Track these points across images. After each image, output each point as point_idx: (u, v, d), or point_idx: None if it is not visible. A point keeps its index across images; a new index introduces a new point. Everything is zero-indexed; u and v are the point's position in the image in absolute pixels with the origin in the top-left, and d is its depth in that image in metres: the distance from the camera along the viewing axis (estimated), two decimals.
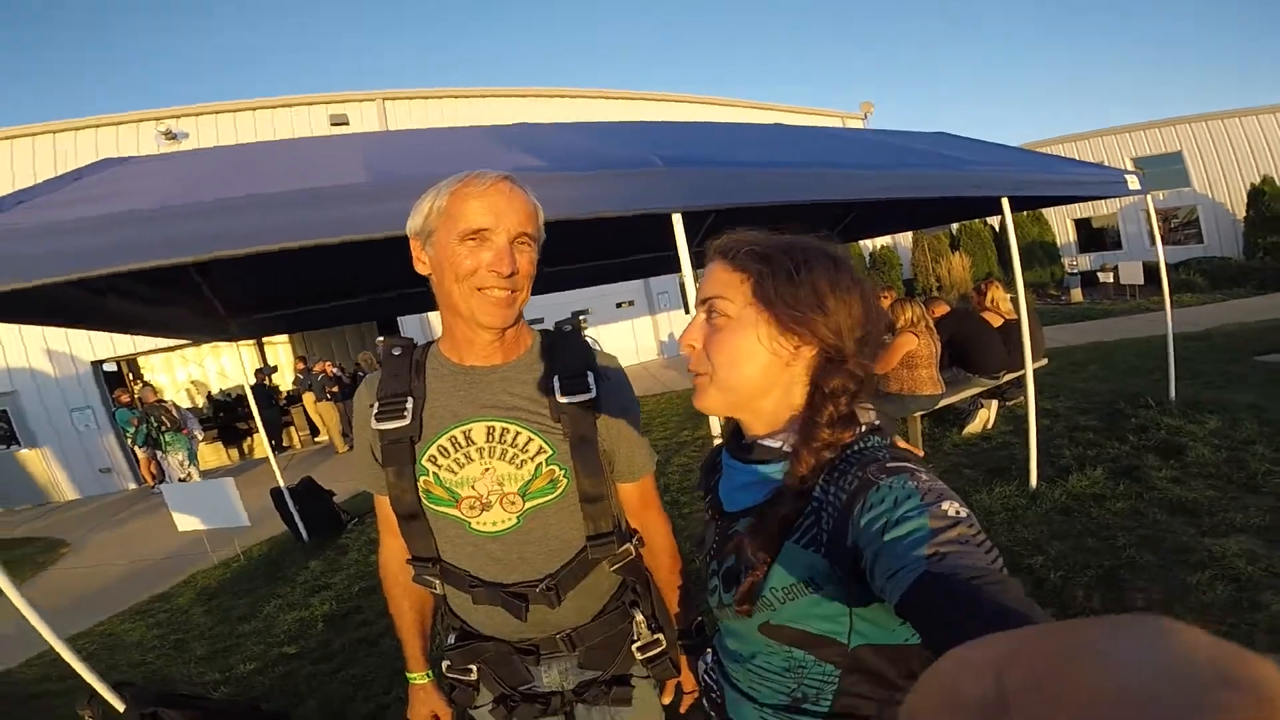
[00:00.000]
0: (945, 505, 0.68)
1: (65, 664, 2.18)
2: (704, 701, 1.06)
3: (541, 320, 1.35)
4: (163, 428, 9.43)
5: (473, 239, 1.10)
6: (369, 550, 5.30)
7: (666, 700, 1.42)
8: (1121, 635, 0.23)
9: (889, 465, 0.76)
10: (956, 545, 0.63)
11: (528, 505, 1.19)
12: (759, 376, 0.85)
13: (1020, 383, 5.39)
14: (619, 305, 15.19)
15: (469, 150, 3.33)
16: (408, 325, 13.16)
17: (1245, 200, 16.46)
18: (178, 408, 10.03)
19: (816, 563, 0.78)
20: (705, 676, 1.06)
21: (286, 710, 3.02)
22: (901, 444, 0.88)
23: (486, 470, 1.17)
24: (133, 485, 11.97)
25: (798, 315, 0.83)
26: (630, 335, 15.41)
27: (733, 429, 0.98)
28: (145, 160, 3.34)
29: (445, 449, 1.18)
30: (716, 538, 0.96)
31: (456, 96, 14.97)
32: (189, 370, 18.59)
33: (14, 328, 10.49)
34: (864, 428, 0.85)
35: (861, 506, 0.73)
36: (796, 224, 0.92)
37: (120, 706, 2.25)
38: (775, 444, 0.87)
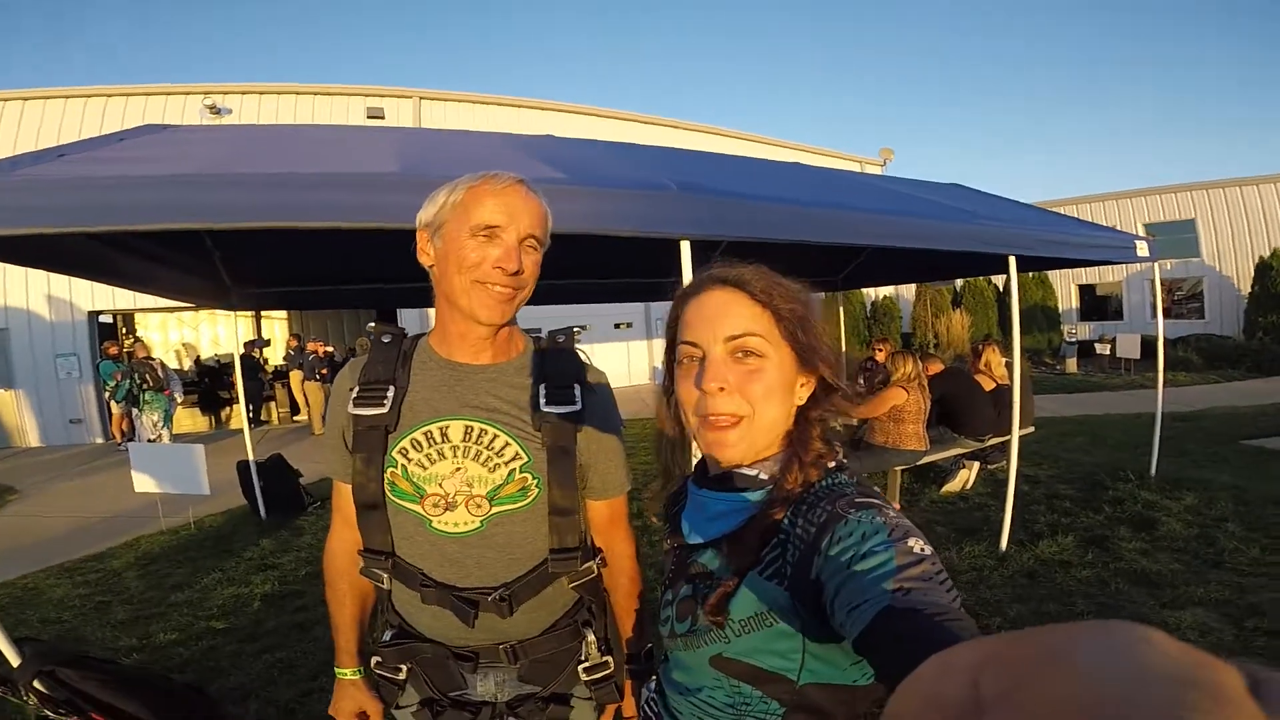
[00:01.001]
0: (911, 542, 0.68)
1: None
2: None
3: (539, 330, 1.33)
4: (145, 385, 9.34)
5: (484, 234, 1.10)
6: (325, 535, 5.18)
7: None
8: (1096, 640, 0.23)
9: (857, 500, 0.76)
10: (919, 582, 0.63)
11: (494, 510, 1.17)
12: (785, 415, 0.87)
13: (1004, 447, 5.35)
14: (617, 326, 15.24)
15: (493, 155, 3.40)
16: (406, 318, 13.16)
17: (1252, 274, 16.18)
18: (164, 367, 9.95)
19: (778, 596, 0.77)
20: (645, 706, 1.03)
21: (200, 684, 2.91)
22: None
23: (457, 470, 1.16)
24: (100, 439, 11.87)
25: (814, 353, 0.85)
26: (625, 357, 15.43)
27: (700, 459, 0.96)
28: (187, 129, 3.53)
29: (419, 443, 1.16)
30: (674, 567, 0.95)
31: (488, 103, 15.26)
32: (183, 333, 18.58)
33: (19, 269, 10.52)
34: (833, 463, 0.85)
35: (829, 539, 0.72)
36: (781, 264, 0.90)
37: (15, 661, 2.14)
38: (753, 472, 0.86)
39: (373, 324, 1.29)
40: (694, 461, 1.00)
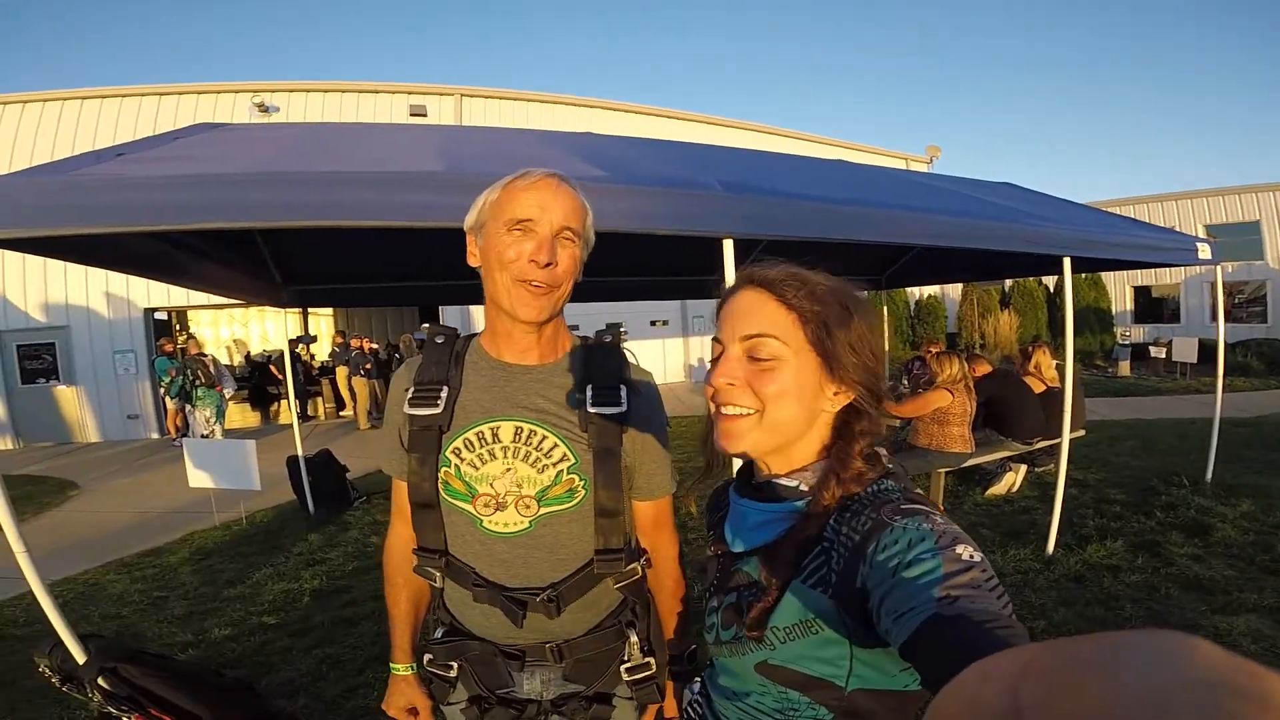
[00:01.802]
0: (959, 549, 0.67)
1: (34, 610, 2.19)
2: None
3: (576, 328, 1.34)
4: (197, 381, 9.61)
5: (518, 229, 1.12)
6: (370, 531, 5.32)
7: None
8: (1138, 649, 0.23)
9: (904, 507, 0.75)
10: (968, 589, 0.62)
11: (542, 511, 1.18)
12: (805, 420, 0.85)
13: (1051, 451, 5.23)
14: (653, 323, 15.22)
15: (534, 152, 3.41)
16: (448, 315, 13.39)
17: None
18: (216, 363, 10.22)
19: (822, 604, 0.77)
20: (689, 708, 1.05)
21: (251, 680, 2.99)
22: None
23: (508, 470, 1.17)
24: (155, 435, 12.22)
25: (849, 362, 0.84)
26: (660, 355, 15.41)
27: (742, 467, 0.97)
28: (236, 128, 3.55)
29: (471, 443, 1.17)
30: (718, 575, 0.95)
31: (529, 100, 15.36)
32: (233, 329, 19.09)
33: (78, 267, 10.91)
34: (874, 480, 0.84)
35: (875, 547, 0.72)
36: (825, 263, 0.89)
37: (81, 658, 2.23)
38: (793, 483, 0.87)
39: (426, 325, 1.32)
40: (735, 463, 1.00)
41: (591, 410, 1.17)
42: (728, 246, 2.68)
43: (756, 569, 0.86)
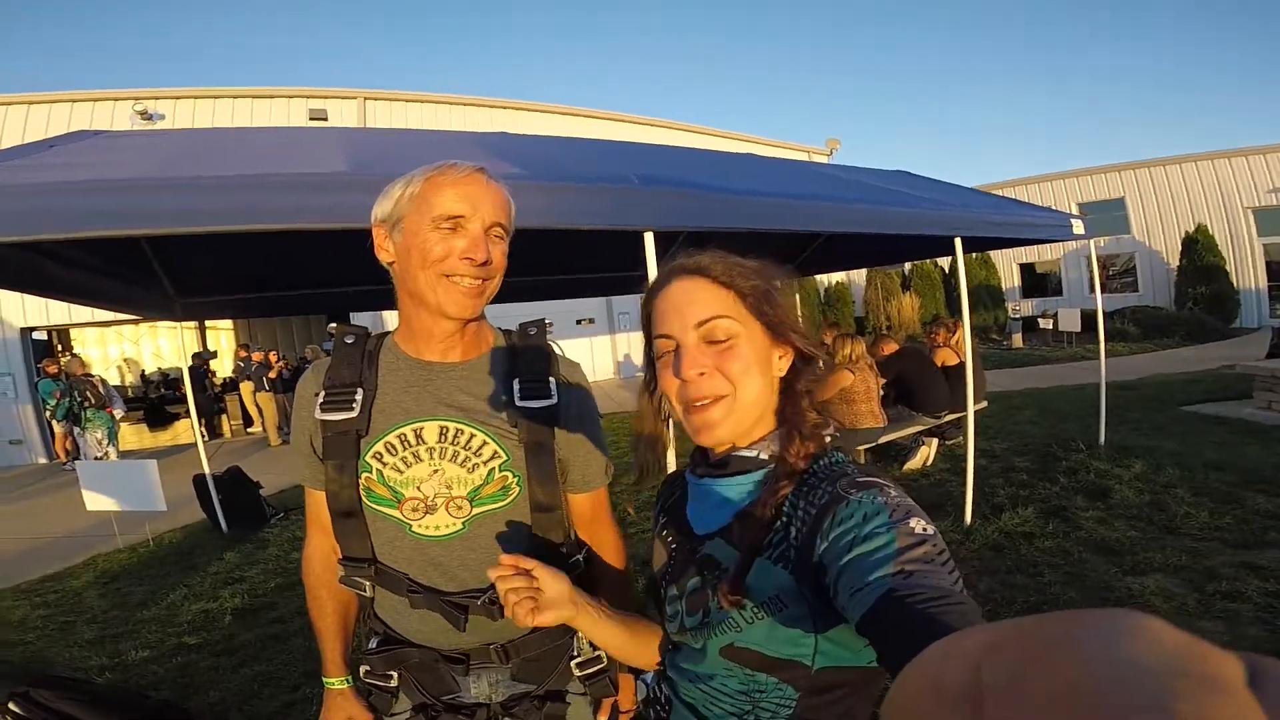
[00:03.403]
0: (913, 522, 0.68)
1: None
2: (649, 714, 1.03)
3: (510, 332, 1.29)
4: (85, 403, 9.03)
5: (447, 225, 1.07)
6: (291, 546, 5.12)
7: (602, 719, 1.34)
8: (1096, 629, 0.23)
9: (859, 480, 0.76)
10: (921, 564, 0.63)
11: (475, 511, 1.14)
12: (767, 389, 0.87)
13: (960, 423, 5.50)
14: (579, 322, 15.16)
15: (447, 152, 3.27)
16: (360, 322, 12.90)
17: (1180, 249, 17.26)
18: (104, 384, 9.64)
19: (784, 581, 0.77)
20: (653, 689, 1.02)
21: (178, 701, 2.84)
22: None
23: (435, 471, 1.12)
24: (43, 460, 11.45)
25: (785, 323, 0.87)
26: (589, 353, 15.37)
27: (695, 450, 0.96)
28: (120, 135, 3.34)
29: (393, 446, 1.12)
30: (673, 561, 0.94)
31: (437, 102, 15.02)
32: (123, 347, 17.93)
33: None
34: (829, 438, 0.87)
35: (831, 521, 0.73)
36: (741, 253, 0.92)
37: None
38: (752, 453, 0.87)
39: (334, 325, 1.27)
40: (669, 457, 1.01)
41: (520, 404, 1.14)
42: (648, 239, 2.70)
43: (722, 548, 0.86)
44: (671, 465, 2.60)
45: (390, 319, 12.13)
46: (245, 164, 2.61)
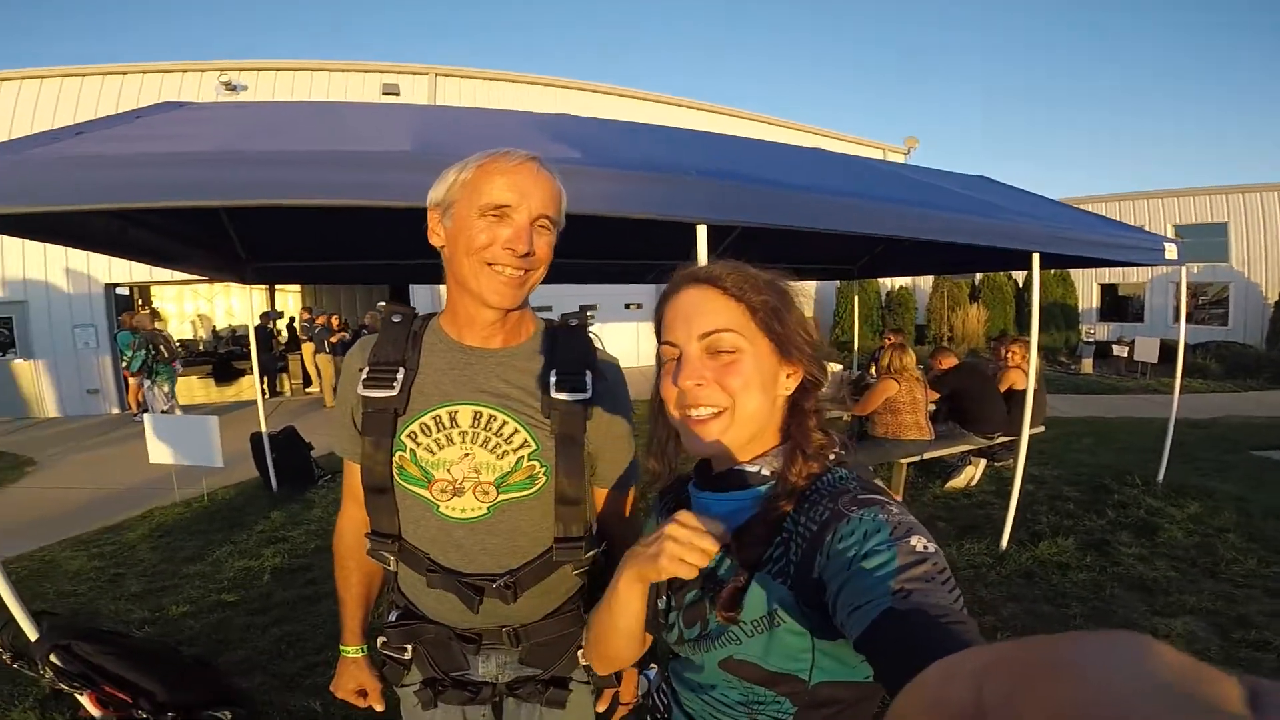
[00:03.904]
0: (914, 540, 0.68)
1: None
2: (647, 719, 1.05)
3: (549, 309, 1.31)
4: (159, 358, 9.46)
5: (493, 214, 1.08)
6: (334, 509, 5.19)
7: (602, 708, 1.38)
8: (1098, 650, 0.24)
9: (860, 497, 0.76)
10: (921, 583, 0.63)
11: (501, 497, 1.16)
12: (769, 406, 0.87)
13: (1012, 446, 5.32)
14: (627, 306, 15.17)
15: (508, 133, 3.36)
16: (418, 294, 13.31)
17: None
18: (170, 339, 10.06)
19: (784, 595, 0.77)
20: (655, 695, 1.04)
21: (208, 657, 2.97)
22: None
23: (466, 455, 1.15)
24: (116, 410, 11.97)
25: (795, 342, 0.86)
26: (634, 338, 15.35)
27: (699, 462, 0.96)
28: (203, 106, 3.47)
29: (427, 427, 1.15)
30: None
31: (504, 80, 15.10)
32: (198, 304, 18.73)
33: (38, 243, 10.60)
34: (833, 456, 0.86)
35: (832, 537, 0.72)
36: (799, 252, 0.92)
37: (34, 635, 2.20)
38: (754, 469, 0.87)
39: (383, 303, 1.30)
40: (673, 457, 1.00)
41: (555, 396, 1.15)
42: (701, 232, 2.66)
43: (720, 562, 0.85)
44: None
45: (445, 293, 12.39)
46: (319, 139, 2.71)
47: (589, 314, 1.30)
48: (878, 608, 0.61)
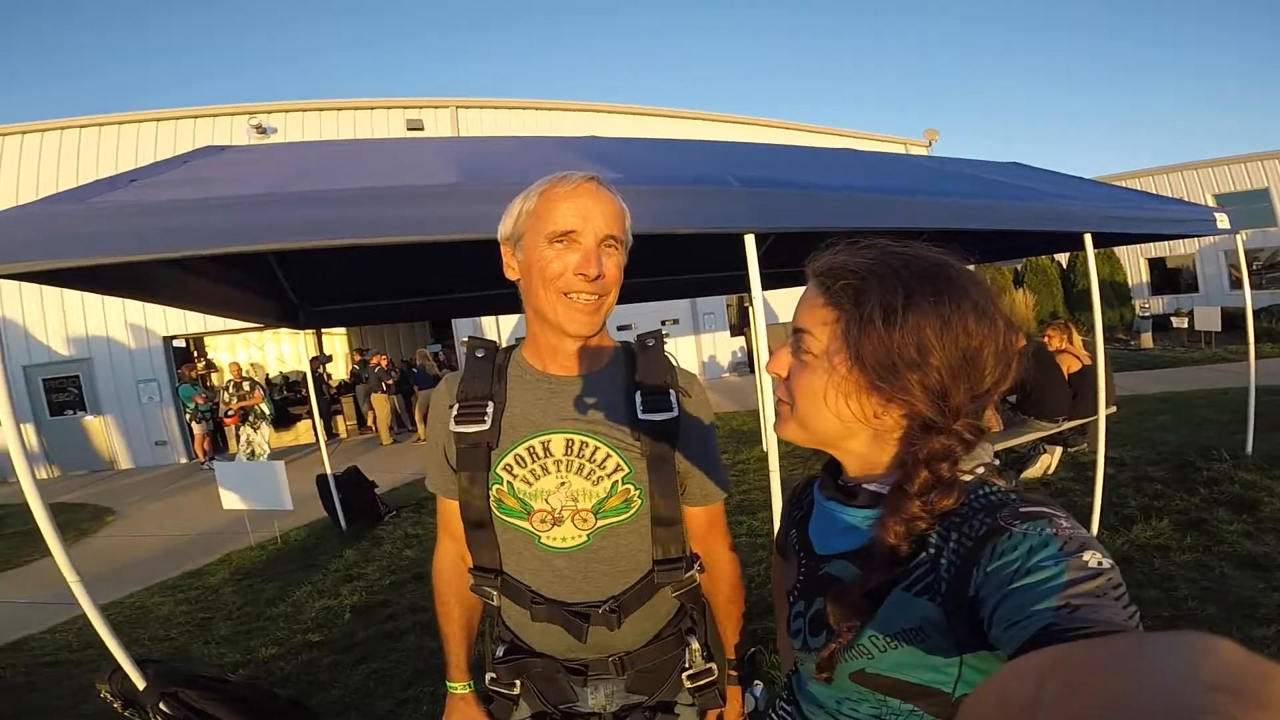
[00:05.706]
0: (1086, 555, 0.61)
1: (86, 634, 2.20)
2: None
3: (630, 326, 1.28)
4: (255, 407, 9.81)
5: (560, 241, 1.08)
6: (403, 544, 5.35)
7: None
8: (1155, 649, 0.24)
9: (1023, 510, 0.69)
10: (1090, 599, 0.57)
11: (600, 523, 1.15)
12: (838, 424, 0.79)
13: (1084, 429, 5.15)
14: (664, 322, 15.17)
15: (544, 157, 3.36)
16: (460, 327, 13.50)
17: None
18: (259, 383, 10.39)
19: (929, 612, 0.71)
20: (777, 713, 0.99)
21: (302, 699, 3.00)
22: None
23: (562, 484, 1.14)
24: (184, 459, 12.39)
25: (886, 373, 0.73)
26: (673, 354, 15.34)
27: (827, 464, 0.91)
28: (243, 149, 3.53)
29: (522, 459, 1.14)
30: (802, 577, 0.90)
31: (525, 108, 15.36)
32: (250, 352, 19.20)
33: (97, 298, 11.02)
34: (973, 478, 0.76)
35: (991, 553, 0.66)
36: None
37: (141, 684, 2.24)
38: (874, 488, 0.81)
39: (466, 339, 1.30)
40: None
41: (642, 418, 1.15)
42: (749, 242, 2.63)
43: (845, 570, 0.81)
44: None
45: (486, 325, 12.52)
46: (362, 177, 2.72)
47: (665, 333, 1.29)
48: (1038, 622, 0.56)
